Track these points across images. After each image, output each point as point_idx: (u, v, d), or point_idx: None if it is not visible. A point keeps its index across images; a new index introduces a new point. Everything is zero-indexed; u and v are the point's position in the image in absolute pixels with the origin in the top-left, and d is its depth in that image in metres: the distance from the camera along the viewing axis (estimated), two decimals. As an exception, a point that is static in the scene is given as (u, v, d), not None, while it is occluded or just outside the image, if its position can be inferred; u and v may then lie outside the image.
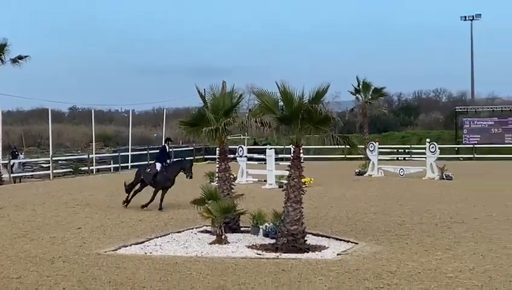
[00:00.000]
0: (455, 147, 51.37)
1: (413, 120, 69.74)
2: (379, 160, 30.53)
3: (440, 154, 29.03)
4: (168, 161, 17.74)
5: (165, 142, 18.87)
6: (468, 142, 50.39)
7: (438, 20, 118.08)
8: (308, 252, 11.08)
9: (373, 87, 48.55)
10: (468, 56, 70.53)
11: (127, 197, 17.54)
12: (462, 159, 49.13)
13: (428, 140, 29.35)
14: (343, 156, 43.31)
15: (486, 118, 51.66)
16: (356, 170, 29.96)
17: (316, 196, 19.16)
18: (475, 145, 50.03)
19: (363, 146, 34.69)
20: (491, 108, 54.93)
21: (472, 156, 48.89)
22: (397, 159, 45.70)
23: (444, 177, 26.48)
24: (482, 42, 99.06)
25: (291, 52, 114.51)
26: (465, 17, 69.44)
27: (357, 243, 11.70)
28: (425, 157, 28.16)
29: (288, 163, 11.84)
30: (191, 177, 17.10)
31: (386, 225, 13.79)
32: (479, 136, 49.95)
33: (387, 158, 34.96)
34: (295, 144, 11.56)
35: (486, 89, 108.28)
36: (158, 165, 17.56)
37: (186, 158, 18.48)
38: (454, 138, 53.32)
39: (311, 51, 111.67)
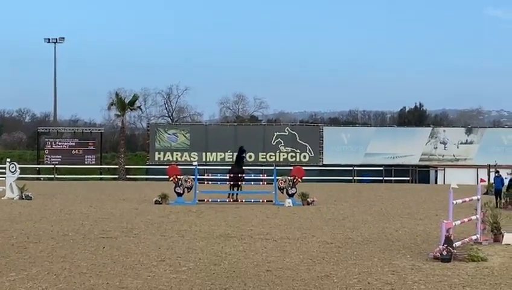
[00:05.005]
0: (36, 167, 51.10)
1: (-4, 139, 67.59)
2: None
3: (21, 174, 28.69)
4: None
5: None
6: (49, 162, 50.62)
7: (22, 40, 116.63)
8: None
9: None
10: (52, 78, 70.95)
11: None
12: (43, 179, 49.04)
13: (8, 160, 28.64)
14: None
15: (68, 139, 52.67)
16: None
17: None
18: (56, 166, 50.51)
19: None
20: (73, 130, 56.27)
21: (53, 176, 49.25)
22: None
23: (24, 197, 26.12)
24: (66, 65, 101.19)
25: None
26: (49, 39, 69.68)
27: None
28: (5, 177, 27.46)
29: None
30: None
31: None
32: (60, 156, 50.60)
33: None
34: None
35: (70, 111, 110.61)
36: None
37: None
38: (36, 158, 52.94)
39: None
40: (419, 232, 16.20)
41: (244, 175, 27.00)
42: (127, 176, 50.96)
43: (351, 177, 49.93)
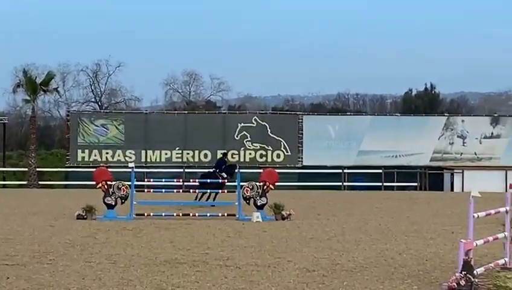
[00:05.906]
0: None
1: None
2: None
3: None
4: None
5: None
6: None
7: None
8: None
9: None
10: None
11: None
12: None
13: None
14: None
15: (-42, 132, 51.95)
16: None
17: None
18: None
19: None
20: (-34, 119, 55.55)
21: None
22: None
23: None
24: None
25: None
26: None
27: None
28: None
29: None
30: None
31: None
32: None
33: None
34: None
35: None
36: None
37: None
38: None
39: None
40: (430, 256, 16.36)
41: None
42: (40, 182, 50.51)
43: (340, 183, 50.17)
